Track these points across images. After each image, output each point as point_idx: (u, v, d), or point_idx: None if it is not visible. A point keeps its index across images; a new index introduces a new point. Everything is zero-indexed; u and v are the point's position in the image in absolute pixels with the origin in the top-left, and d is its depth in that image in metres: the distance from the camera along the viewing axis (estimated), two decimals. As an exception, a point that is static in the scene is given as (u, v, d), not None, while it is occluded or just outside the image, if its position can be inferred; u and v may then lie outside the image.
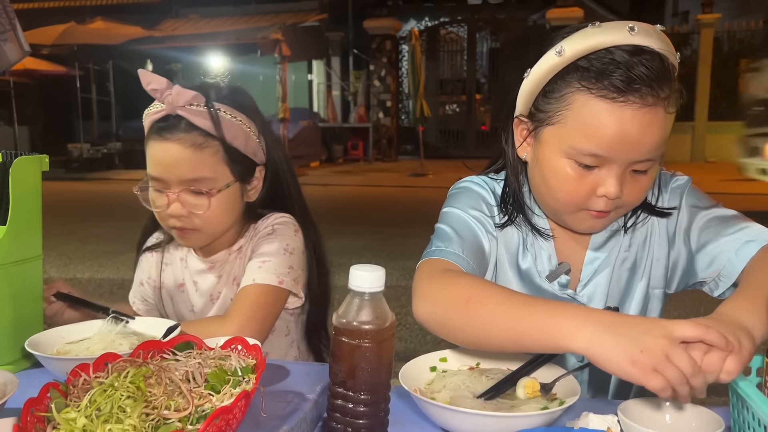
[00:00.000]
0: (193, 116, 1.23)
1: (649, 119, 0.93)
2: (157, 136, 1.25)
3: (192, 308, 1.40)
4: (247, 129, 1.30)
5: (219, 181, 1.27)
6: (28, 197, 1.11)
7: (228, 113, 1.27)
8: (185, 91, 1.22)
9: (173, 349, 0.91)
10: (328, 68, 16.15)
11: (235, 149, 1.28)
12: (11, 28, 2.82)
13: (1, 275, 1.07)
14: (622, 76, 0.92)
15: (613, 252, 1.12)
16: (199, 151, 1.24)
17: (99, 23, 14.05)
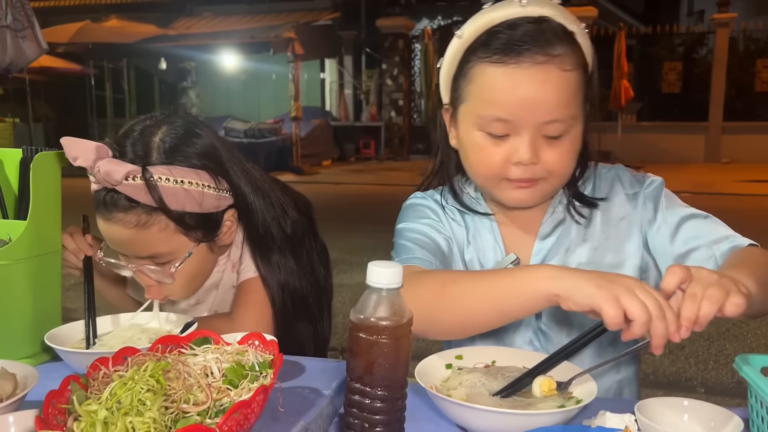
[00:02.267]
0: (131, 191, 1.07)
1: (542, 77, 0.98)
2: (101, 209, 1.12)
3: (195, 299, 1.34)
4: (199, 187, 1.12)
5: (178, 252, 1.15)
6: (48, 192, 1.12)
7: (172, 179, 1.09)
8: (115, 168, 1.05)
9: (191, 344, 0.91)
10: (341, 67, 16.16)
11: (188, 214, 1.13)
12: (29, 26, 2.86)
13: (22, 269, 1.08)
14: (508, 39, 0.99)
15: (561, 242, 1.13)
16: (145, 230, 1.11)
17: (114, 21, 14.16)
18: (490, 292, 0.90)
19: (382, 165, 13.82)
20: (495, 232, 1.15)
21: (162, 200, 1.08)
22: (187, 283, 1.21)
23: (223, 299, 1.32)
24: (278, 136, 12.81)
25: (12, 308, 1.08)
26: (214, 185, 1.15)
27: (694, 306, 0.77)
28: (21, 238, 1.07)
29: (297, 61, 12.70)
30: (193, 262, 1.18)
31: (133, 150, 1.11)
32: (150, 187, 1.07)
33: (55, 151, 1.14)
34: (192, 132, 1.15)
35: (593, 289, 0.79)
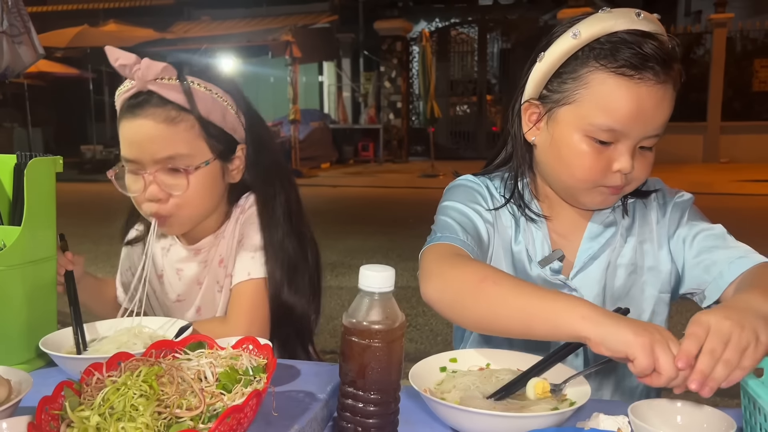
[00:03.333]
0: (164, 90, 1.17)
1: (661, 95, 1.01)
2: (128, 113, 1.19)
3: (176, 297, 1.34)
4: (224, 103, 1.23)
5: (197, 157, 1.20)
6: (43, 198, 1.13)
7: (202, 86, 1.20)
8: (155, 63, 1.16)
9: (185, 349, 0.91)
10: (339, 70, 16.18)
11: (212, 124, 1.21)
12: (26, 31, 2.86)
13: (16, 275, 1.08)
14: (637, 54, 0.99)
15: (608, 243, 1.15)
16: (173, 126, 1.17)
17: (112, 26, 14.16)
18: (523, 310, 0.89)
19: (380, 167, 13.82)
20: (543, 227, 1.16)
21: (193, 101, 1.18)
22: (194, 200, 1.22)
23: (208, 296, 1.31)
24: (277, 138, 12.82)
25: (7, 314, 1.08)
26: (235, 109, 1.25)
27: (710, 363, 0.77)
28: (15, 243, 1.07)
29: (295, 64, 12.71)
30: (205, 177, 1.22)
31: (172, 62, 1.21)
32: (183, 87, 1.17)
33: (50, 157, 1.14)
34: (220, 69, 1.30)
35: (631, 335, 0.78)
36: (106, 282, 1.47)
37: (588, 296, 1.13)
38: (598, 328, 0.81)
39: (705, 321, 0.80)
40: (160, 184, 1.19)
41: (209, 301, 1.31)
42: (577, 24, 1.04)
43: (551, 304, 0.87)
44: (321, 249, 1.39)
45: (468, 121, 15.85)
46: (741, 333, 0.78)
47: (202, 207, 1.26)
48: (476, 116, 15.61)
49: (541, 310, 0.87)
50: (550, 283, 1.14)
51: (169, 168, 1.19)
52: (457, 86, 16.01)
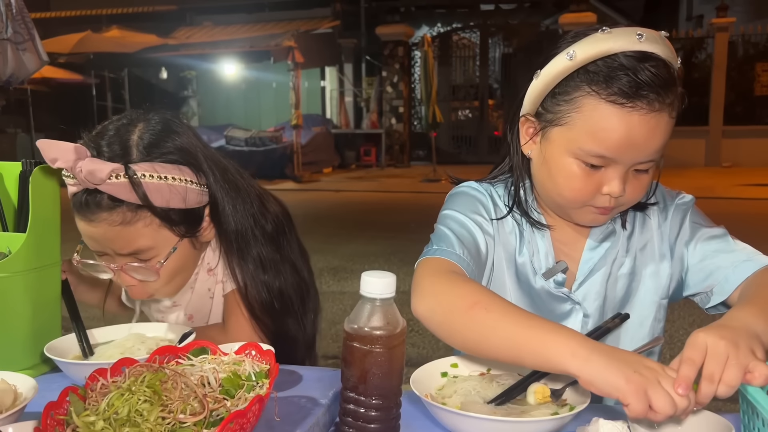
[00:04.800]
0: (115, 190, 1.05)
1: (654, 124, 0.98)
2: (79, 213, 1.10)
3: (171, 302, 1.32)
4: (182, 183, 1.12)
5: (162, 247, 1.14)
6: (48, 205, 1.14)
7: (156, 175, 1.08)
8: (98, 167, 1.03)
9: (189, 355, 0.92)
10: (341, 75, 16.20)
11: (173, 211, 1.12)
12: (30, 38, 2.88)
13: (21, 281, 1.09)
14: (631, 82, 0.96)
15: (609, 253, 1.15)
16: (130, 227, 1.09)
17: (115, 32, 14.21)
18: (513, 339, 0.88)
19: (382, 172, 13.84)
20: (547, 238, 1.15)
21: (147, 197, 1.07)
22: (170, 280, 1.19)
23: (198, 303, 1.30)
24: (279, 144, 12.84)
25: (12, 320, 1.09)
26: (196, 180, 1.15)
27: (711, 388, 0.78)
28: (20, 250, 1.08)
29: (297, 70, 12.74)
30: (176, 258, 1.17)
31: (110, 149, 1.09)
32: (134, 185, 1.06)
33: (54, 164, 1.15)
34: (169, 128, 1.15)
35: (622, 382, 0.77)
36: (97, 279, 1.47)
37: (590, 308, 1.14)
38: (588, 368, 0.80)
39: (701, 343, 0.81)
40: (131, 273, 1.15)
41: (200, 307, 1.31)
42: (575, 44, 1.01)
43: (541, 336, 0.85)
44: (322, 254, 1.39)
45: (470, 125, 15.87)
46: (737, 352, 0.79)
47: (180, 281, 1.23)
48: (478, 121, 15.63)
49: (530, 341, 0.86)
50: (554, 295, 1.14)
51: (136, 260, 1.13)
52: (458, 91, 16.04)
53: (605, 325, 1.04)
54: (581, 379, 0.81)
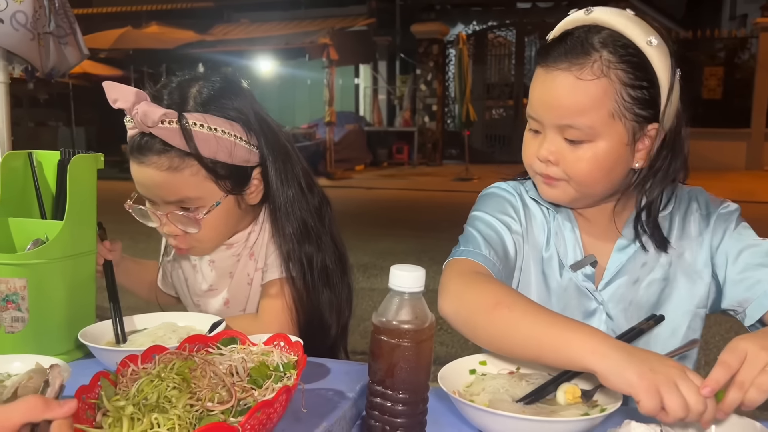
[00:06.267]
0: (166, 135, 1.11)
1: (559, 82, 1.01)
2: (133, 156, 1.16)
3: (208, 287, 1.34)
4: (231, 137, 1.16)
5: (207, 199, 1.18)
6: (84, 194, 1.16)
7: (206, 126, 1.13)
8: (153, 109, 1.09)
9: (218, 344, 0.93)
10: (375, 72, 16.22)
11: (219, 163, 1.16)
12: (71, 32, 2.93)
13: (58, 268, 1.12)
14: (549, 45, 1.05)
15: (637, 256, 1.12)
16: (177, 173, 1.14)
17: (154, 28, 14.47)
18: (534, 338, 0.90)
19: (414, 170, 13.81)
20: (576, 233, 1.15)
21: (195, 146, 1.11)
22: (211, 235, 1.22)
23: (237, 289, 1.32)
24: (312, 141, 12.92)
25: (48, 306, 1.11)
26: (245, 138, 1.18)
27: (738, 396, 0.77)
28: (57, 238, 1.11)
29: (332, 67, 12.80)
30: (219, 213, 1.20)
31: (170, 98, 1.15)
32: (184, 132, 1.11)
33: (92, 154, 1.18)
34: (229, 87, 1.20)
35: (635, 378, 0.79)
36: (145, 265, 1.50)
37: (615, 309, 1.11)
38: (605, 363, 0.81)
39: (742, 349, 0.79)
40: (175, 222, 1.19)
41: (238, 293, 1.32)
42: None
43: (562, 333, 0.87)
44: (353, 250, 1.39)
45: (504, 124, 15.73)
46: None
47: (220, 238, 1.26)
48: (512, 120, 15.48)
49: (551, 339, 0.88)
50: (580, 291, 1.12)
51: (180, 209, 1.18)
52: (493, 89, 15.91)
53: (639, 326, 1.02)
54: (598, 374, 0.82)
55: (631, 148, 1.03)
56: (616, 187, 1.08)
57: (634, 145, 1.04)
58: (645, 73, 1.01)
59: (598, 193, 1.09)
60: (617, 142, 1.02)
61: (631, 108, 1.01)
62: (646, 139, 1.04)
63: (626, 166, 1.05)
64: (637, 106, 1.01)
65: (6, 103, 2.68)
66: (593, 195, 1.09)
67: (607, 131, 1.01)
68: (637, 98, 1.01)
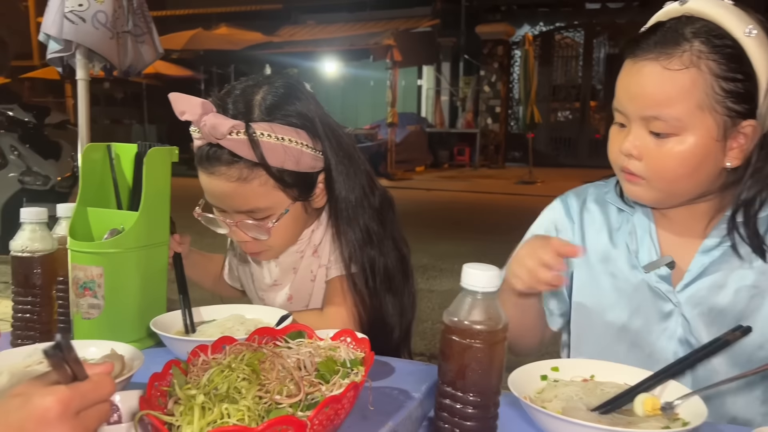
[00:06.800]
0: (234, 146, 1.11)
1: (646, 71, 0.98)
2: (201, 167, 1.17)
3: (272, 281, 1.35)
4: (298, 145, 1.16)
5: (276, 208, 1.19)
6: (159, 185, 1.18)
7: (273, 135, 1.13)
8: (221, 122, 1.10)
9: (286, 337, 0.93)
10: (438, 74, 16.16)
11: (286, 172, 1.16)
12: (148, 31, 3.04)
13: (132, 258, 1.14)
14: (639, 36, 1.02)
15: (725, 259, 1.05)
16: (246, 184, 1.15)
17: (223, 29, 14.87)
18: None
19: (476, 172, 13.69)
20: (652, 233, 1.11)
21: (263, 156, 1.12)
22: (280, 241, 1.24)
23: (300, 284, 1.32)
24: (374, 141, 12.98)
25: (122, 294, 1.14)
26: (311, 145, 1.18)
27: None
28: (133, 228, 1.13)
29: (395, 68, 12.83)
30: (288, 220, 1.21)
31: (235, 107, 1.16)
32: (252, 143, 1.11)
33: (167, 147, 1.20)
34: (292, 93, 1.19)
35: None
36: (211, 258, 1.53)
37: (692, 313, 1.06)
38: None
39: None
40: (244, 230, 1.20)
41: (301, 289, 1.32)
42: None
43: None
44: (412, 251, 1.37)
45: (570, 127, 15.39)
46: None
47: (289, 243, 1.27)
48: (579, 123, 15.13)
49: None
50: (654, 292, 1.08)
51: (250, 218, 1.19)
52: (559, 91, 15.60)
53: (724, 336, 0.96)
54: None
55: (723, 144, 0.98)
56: (705, 186, 1.02)
57: (726, 142, 0.98)
58: (740, 65, 0.95)
59: (684, 193, 1.03)
60: (706, 136, 0.97)
61: (722, 101, 0.95)
62: (741, 136, 0.98)
63: (716, 164, 0.99)
64: (730, 100, 0.95)
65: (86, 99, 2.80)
66: (678, 194, 1.04)
67: (696, 124, 0.96)
68: (731, 91, 0.95)
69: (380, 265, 1.25)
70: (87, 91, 2.83)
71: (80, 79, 2.77)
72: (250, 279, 1.41)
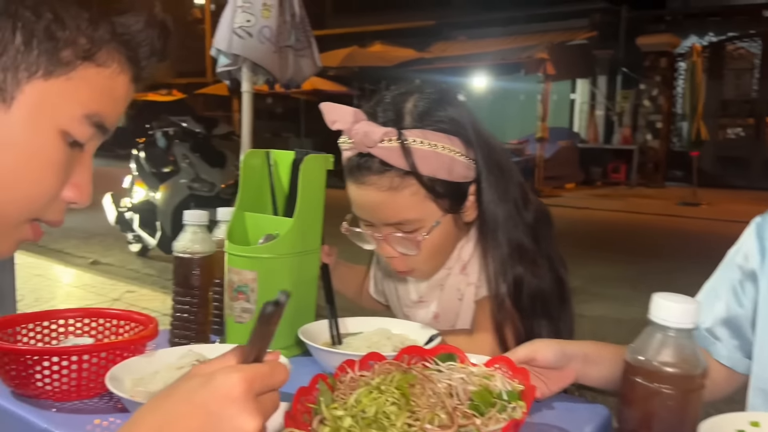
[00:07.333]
0: (385, 154, 1.08)
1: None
2: (351, 177, 1.14)
3: (418, 297, 1.29)
4: (451, 153, 1.11)
5: (426, 220, 1.13)
6: (314, 192, 1.18)
7: (426, 142, 1.09)
8: (373, 129, 1.07)
9: (436, 359, 0.86)
10: (593, 87, 15.46)
11: (438, 182, 1.11)
12: (308, 46, 3.16)
13: (285, 264, 1.14)
14: None
15: None
16: (397, 194, 1.10)
17: (377, 47, 15.33)
18: None
19: (632, 191, 12.88)
20: None
21: (414, 164, 1.08)
22: (430, 257, 1.17)
23: (447, 302, 1.25)
24: (522, 156, 12.66)
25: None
26: (464, 153, 1.13)
27: None
28: (288, 234, 1.13)
29: (547, 82, 12.46)
30: (438, 234, 1.15)
31: (385, 115, 1.13)
32: (404, 149, 1.07)
33: (323, 155, 1.20)
34: (444, 98, 1.15)
35: None
36: (356, 270, 1.51)
37: None
38: None
39: None
40: (393, 245, 1.15)
41: (448, 307, 1.25)
42: None
43: None
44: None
45: (741, 145, 14.01)
46: None
47: (439, 260, 1.20)
48: (752, 141, 13.73)
49: None
50: None
51: (400, 230, 1.13)
52: (729, 106, 14.28)
53: None
54: None
55: None
56: None
57: None
58: None
59: None
60: None
61: None
62: None
63: None
64: None
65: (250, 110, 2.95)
66: None
67: None
68: None
69: (531, 286, 1.15)
70: (251, 103, 2.98)
71: (245, 92, 2.93)
72: (395, 294, 1.37)
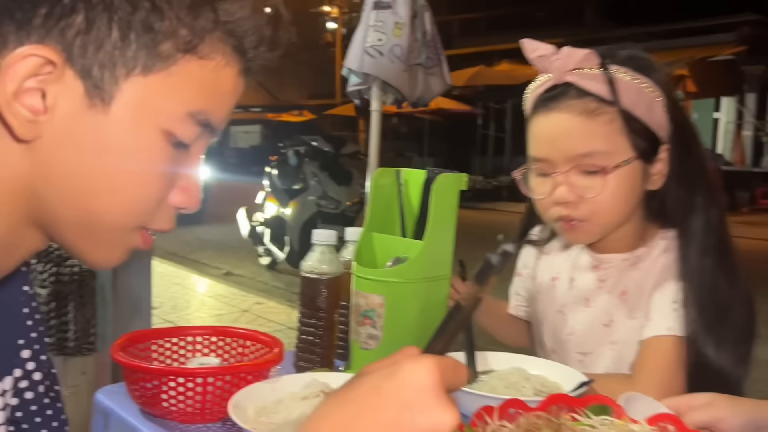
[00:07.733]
0: (583, 80, 1.04)
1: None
2: (541, 108, 1.09)
3: (560, 308, 1.19)
4: (653, 94, 1.06)
5: (616, 155, 1.04)
6: (446, 214, 1.10)
7: (628, 75, 1.05)
8: (576, 51, 1.04)
9: (587, 411, 0.75)
10: (741, 106, 14.30)
11: (635, 118, 1.04)
12: (438, 63, 3.12)
13: (413, 289, 1.07)
14: None
15: None
16: (590, 120, 1.04)
17: (504, 65, 15.15)
18: None
19: (786, 219, 11.68)
20: None
21: (615, 91, 1.03)
22: (609, 204, 1.06)
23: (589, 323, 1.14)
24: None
25: (402, 327, 1.07)
26: (664, 103, 1.07)
27: None
28: (417, 258, 1.06)
29: (688, 100, 11.68)
30: (624, 178, 1.05)
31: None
32: (606, 77, 1.04)
33: (456, 174, 1.12)
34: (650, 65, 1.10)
35: None
36: (497, 302, 1.41)
37: None
38: None
39: None
40: (571, 186, 1.06)
41: (592, 332, 1.13)
42: None
43: None
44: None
45: None
46: None
47: (616, 213, 1.08)
48: None
49: None
50: None
51: (583, 167, 1.05)
52: None
53: None
54: None
55: None
56: None
57: None
58: None
59: None
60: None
61: None
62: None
63: None
64: None
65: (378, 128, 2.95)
66: None
67: None
68: None
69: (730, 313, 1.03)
70: (379, 122, 2.98)
71: (374, 110, 2.94)
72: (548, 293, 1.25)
